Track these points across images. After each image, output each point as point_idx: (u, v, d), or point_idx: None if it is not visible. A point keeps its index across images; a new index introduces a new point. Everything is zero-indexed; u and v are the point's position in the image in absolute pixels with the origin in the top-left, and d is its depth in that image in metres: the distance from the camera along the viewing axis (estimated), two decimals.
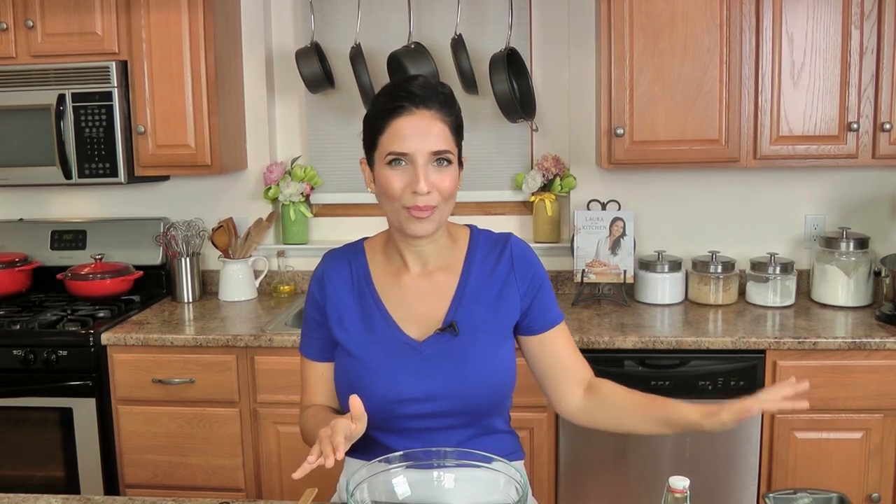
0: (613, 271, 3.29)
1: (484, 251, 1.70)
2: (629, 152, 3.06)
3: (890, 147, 2.96)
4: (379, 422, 1.62)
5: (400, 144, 1.54)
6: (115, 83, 3.18)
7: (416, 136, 1.53)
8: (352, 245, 1.77)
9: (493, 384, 1.64)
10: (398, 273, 1.69)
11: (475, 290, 1.67)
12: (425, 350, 1.63)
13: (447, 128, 1.57)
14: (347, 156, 3.62)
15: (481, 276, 1.68)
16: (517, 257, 1.70)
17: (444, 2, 3.46)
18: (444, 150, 1.55)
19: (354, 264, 1.72)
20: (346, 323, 1.68)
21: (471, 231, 1.75)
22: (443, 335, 1.63)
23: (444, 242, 1.69)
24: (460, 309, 1.65)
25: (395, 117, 1.55)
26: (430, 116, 1.55)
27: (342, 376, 1.68)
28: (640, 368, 2.83)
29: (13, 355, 2.99)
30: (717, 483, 2.86)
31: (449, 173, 1.57)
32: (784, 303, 3.20)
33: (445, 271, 1.68)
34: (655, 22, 2.98)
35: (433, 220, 1.57)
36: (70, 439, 3.02)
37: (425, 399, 1.61)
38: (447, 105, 1.58)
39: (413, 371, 1.62)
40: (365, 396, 1.59)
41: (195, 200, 3.66)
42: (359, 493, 1.41)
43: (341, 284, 1.70)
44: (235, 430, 2.99)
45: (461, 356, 1.62)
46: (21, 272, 3.53)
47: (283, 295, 3.57)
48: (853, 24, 2.92)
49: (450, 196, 1.58)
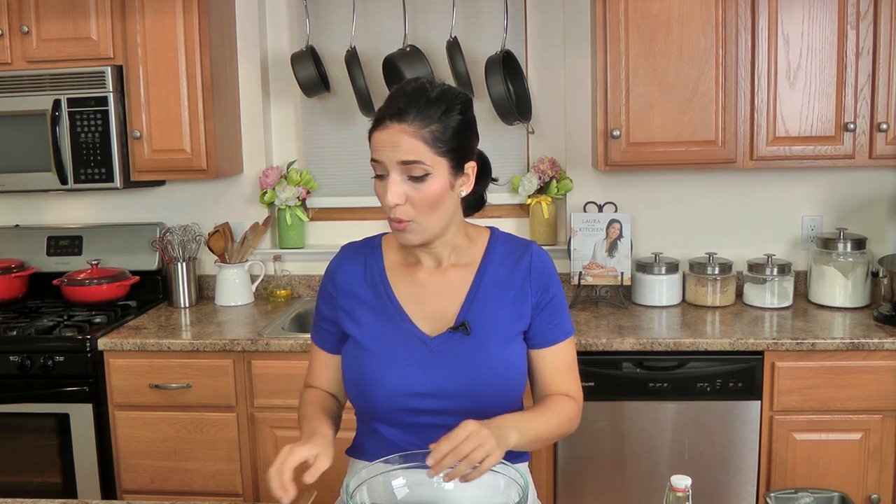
0: (610, 273, 3.29)
1: (502, 253, 1.70)
2: (625, 154, 3.06)
3: (887, 147, 2.97)
4: (385, 415, 1.63)
5: (375, 154, 1.56)
6: (111, 88, 3.18)
7: (386, 148, 1.53)
8: (369, 239, 1.77)
9: (502, 387, 1.63)
10: (413, 268, 1.69)
11: (489, 290, 1.66)
12: (436, 346, 1.62)
13: (419, 140, 1.52)
14: (343, 159, 3.62)
15: (497, 277, 1.67)
16: (536, 267, 1.69)
17: (439, 5, 3.46)
18: (411, 161, 1.52)
19: (370, 258, 1.72)
20: (357, 315, 1.68)
21: (491, 232, 1.75)
22: (454, 333, 1.63)
23: (460, 242, 1.69)
24: (473, 307, 1.65)
25: (375, 130, 1.56)
26: (400, 130, 1.52)
27: (351, 368, 1.67)
28: (638, 370, 2.83)
29: (10, 361, 2.98)
30: (715, 485, 2.86)
31: (424, 187, 1.53)
32: (781, 304, 3.20)
33: (461, 269, 1.68)
34: (651, 23, 2.98)
35: (414, 231, 1.57)
36: (67, 445, 3.01)
37: (433, 395, 1.60)
38: (426, 118, 1.53)
39: (422, 366, 1.61)
40: (373, 388, 1.61)
41: (191, 205, 3.66)
42: (359, 494, 1.40)
43: (354, 277, 1.71)
44: (233, 435, 2.99)
45: (472, 356, 1.61)
46: (17, 278, 3.52)
47: (280, 299, 3.56)
48: (849, 25, 2.92)
49: (430, 208, 1.55)
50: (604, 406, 2.86)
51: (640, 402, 2.84)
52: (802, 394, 2.78)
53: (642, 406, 2.85)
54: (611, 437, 2.88)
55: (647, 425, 2.86)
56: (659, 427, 2.85)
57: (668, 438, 2.85)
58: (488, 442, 1.38)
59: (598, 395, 2.83)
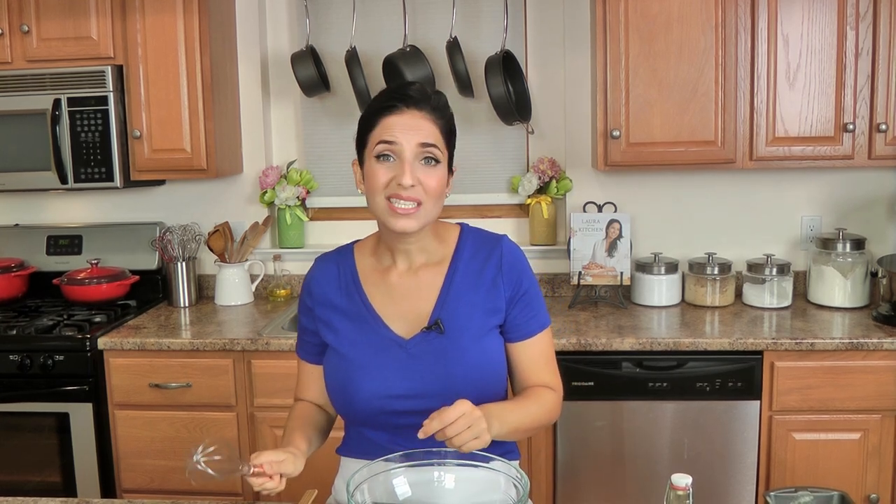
0: (610, 273, 3.29)
1: (472, 249, 1.71)
2: (625, 154, 3.06)
3: (886, 148, 2.97)
4: (369, 419, 1.65)
5: (388, 135, 1.57)
6: (111, 87, 3.18)
7: (405, 130, 1.57)
8: (341, 248, 1.79)
9: (480, 383, 1.64)
10: (386, 272, 1.71)
11: (461, 288, 1.67)
12: (412, 348, 1.64)
13: (437, 129, 1.60)
14: (343, 159, 3.62)
15: (468, 274, 1.68)
16: (507, 262, 1.69)
17: (439, 5, 3.46)
18: (431, 144, 1.58)
19: (342, 265, 1.74)
20: (334, 323, 1.70)
21: (461, 229, 1.75)
22: (429, 333, 1.64)
23: (430, 241, 1.70)
24: (446, 306, 1.65)
25: (387, 115, 1.59)
26: (421, 116, 1.59)
27: (332, 376, 1.70)
28: (638, 370, 2.83)
29: (10, 360, 2.98)
30: (715, 484, 2.86)
31: (436, 172, 1.59)
32: (781, 304, 3.20)
33: (432, 268, 1.69)
34: (651, 24, 2.99)
35: (417, 217, 1.58)
36: (67, 444, 3.01)
37: (412, 396, 1.61)
38: (439, 110, 1.62)
39: (400, 368, 1.63)
40: (354, 393, 1.64)
41: (191, 205, 3.66)
42: (359, 493, 1.40)
43: (328, 286, 1.73)
44: (233, 434, 2.98)
45: (447, 355, 1.62)
46: (17, 277, 3.52)
47: (280, 299, 3.57)
48: (848, 25, 2.93)
49: (436, 196, 1.60)
50: (603, 406, 2.87)
51: (639, 401, 2.84)
52: (802, 393, 2.78)
53: (642, 406, 2.85)
54: (610, 436, 2.88)
55: (647, 425, 2.86)
56: (658, 427, 2.86)
57: (668, 438, 2.86)
58: (479, 425, 1.41)
59: (597, 395, 2.83)
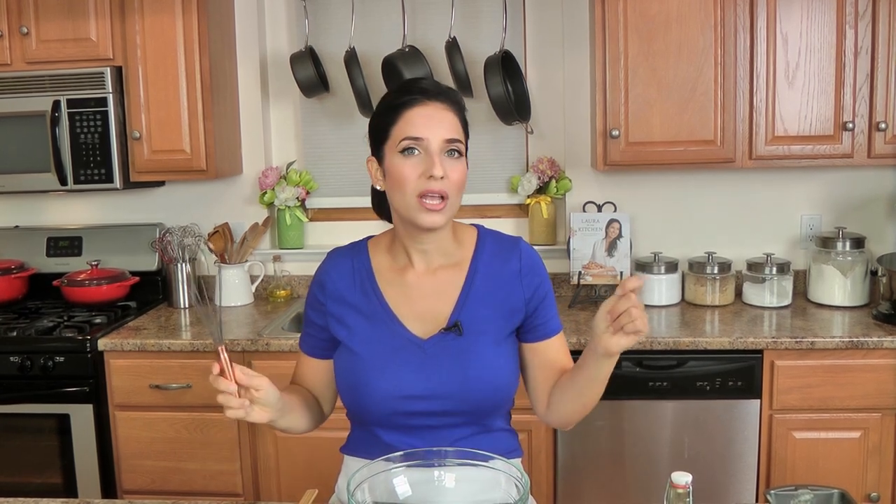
0: (610, 273, 3.29)
1: (492, 252, 1.70)
2: (624, 154, 3.06)
3: (885, 146, 2.97)
4: (381, 418, 1.63)
5: (414, 130, 1.56)
6: (110, 89, 3.18)
7: (431, 124, 1.57)
8: (355, 243, 1.77)
9: (495, 386, 1.63)
10: (403, 270, 1.69)
11: (481, 290, 1.66)
12: (429, 348, 1.62)
13: (458, 120, 1.62)
14: (343, 160, 3.62)
15: (488, 276, 1.67)
16: (526, 265, 1.69)
17: (438, 5, 3.46)
18: (456, 139, 1.58)
19: (357, 261, 1.72)
20: (347, 320, 1.67)
21: (478, 231, 1.74)
22: (447, 334, 1.62)
23: (449, 241, 1.68)
24: (465, 308, 1.64)
25: (409, 108, 1.58)
26: (443, 108, 1.60)
27: (344, 375, 1.67)
28: (638, 370, 2.83)
29: (10, 362, 2.98)
30: (715, 483, 2.86)
31: (460, 165, 1.60)
32: (781, 303, 3.20)
33: (451, 269, 1.68)
34: (650, 23, 2.99)
35: (444, 212, 1.57)
36: (67, 445, 3.01)
37: (428, 397, 1.60)
38: (457, 103, 1.64)
39: (416, 368, 1.61)
40: (368, 393, 1.61)
41: (191, 206, 3.66)
42: (359, 493, 1.40)
43: (342, 281, 1.70)
44: (233, 435, 2.99)
45: (465, 357, 1.61)
46: (17, 279, 3.52)
47: (280, 300, 3.57)
48: (847, 24, 2.93)
49: (460, 188, 1.60)
50: (603, 405, 2.81)
51: (639, 400, 2.84)
52: (802, 392, 2.79)
53: (642, 405, 2.85)
54: (610, 436, 2.88)
55: (647, 424, 2.86)
56: (659, 426, 2.86)
57: (668, 437, 2.86)
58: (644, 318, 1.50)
59: None
